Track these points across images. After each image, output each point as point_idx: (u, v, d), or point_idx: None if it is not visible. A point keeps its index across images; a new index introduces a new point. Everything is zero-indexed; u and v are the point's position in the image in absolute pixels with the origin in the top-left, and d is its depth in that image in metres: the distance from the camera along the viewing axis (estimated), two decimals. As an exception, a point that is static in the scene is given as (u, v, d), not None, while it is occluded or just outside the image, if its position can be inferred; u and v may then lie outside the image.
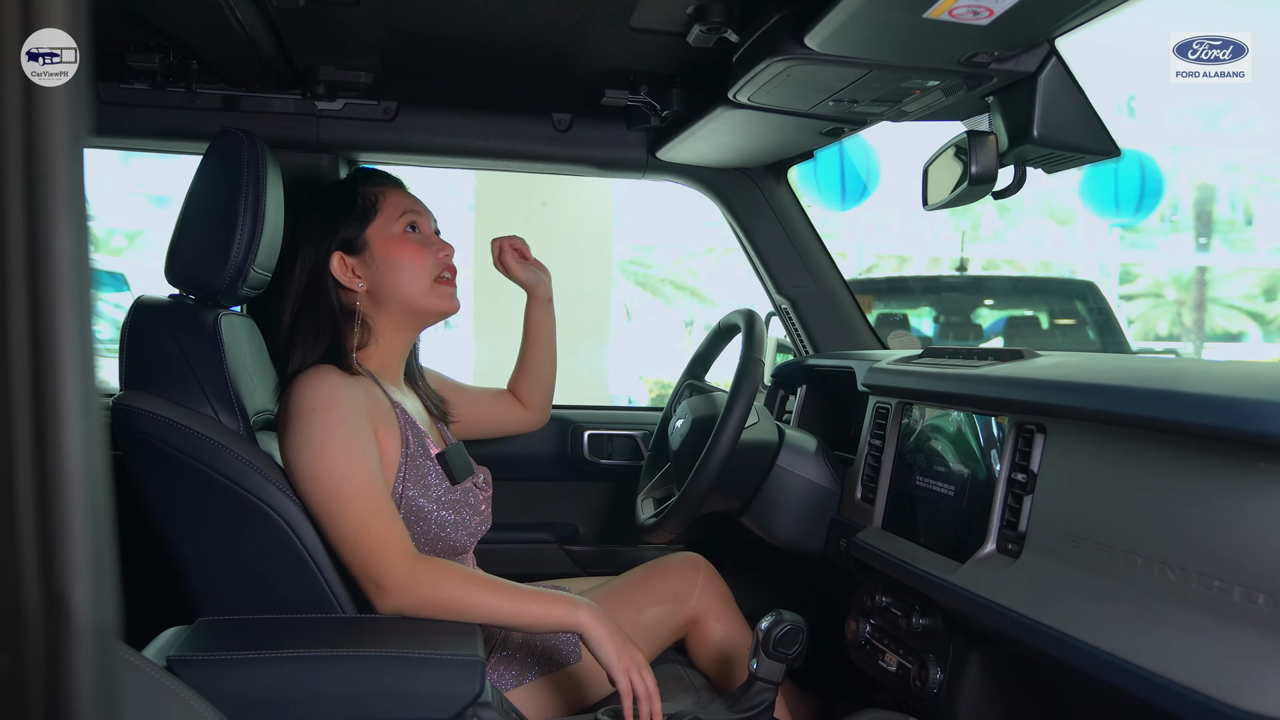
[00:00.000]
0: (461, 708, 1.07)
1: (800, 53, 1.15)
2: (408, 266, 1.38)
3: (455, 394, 1.65)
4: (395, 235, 1.38)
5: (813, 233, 1.99)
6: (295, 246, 1.38)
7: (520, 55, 1.54)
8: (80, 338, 0.38)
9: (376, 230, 1.38)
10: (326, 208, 1.40)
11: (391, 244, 1.38)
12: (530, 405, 1.75)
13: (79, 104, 0.38)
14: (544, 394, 1.76)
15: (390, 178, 1.46)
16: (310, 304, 1.35)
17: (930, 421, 1.32)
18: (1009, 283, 7.64)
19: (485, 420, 1.72)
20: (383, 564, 1.17)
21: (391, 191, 1.42)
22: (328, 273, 1.36)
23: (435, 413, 1.52)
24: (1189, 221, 13.27)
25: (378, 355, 1.39)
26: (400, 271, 1.37)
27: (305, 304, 1.35)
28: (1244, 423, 0.73)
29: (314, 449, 1.21)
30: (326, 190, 1.45)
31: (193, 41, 1.50)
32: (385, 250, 1.38)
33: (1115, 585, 0.86)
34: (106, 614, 0.39)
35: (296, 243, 1.38)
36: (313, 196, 1.45)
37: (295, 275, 1.37)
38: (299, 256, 1.37)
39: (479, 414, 1.70)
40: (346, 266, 1.37)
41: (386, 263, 1.37)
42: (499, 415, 1.74)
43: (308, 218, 1.40)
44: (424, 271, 1.39)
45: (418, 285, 1.38)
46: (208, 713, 0.82)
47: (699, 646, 1.59)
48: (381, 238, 1.38)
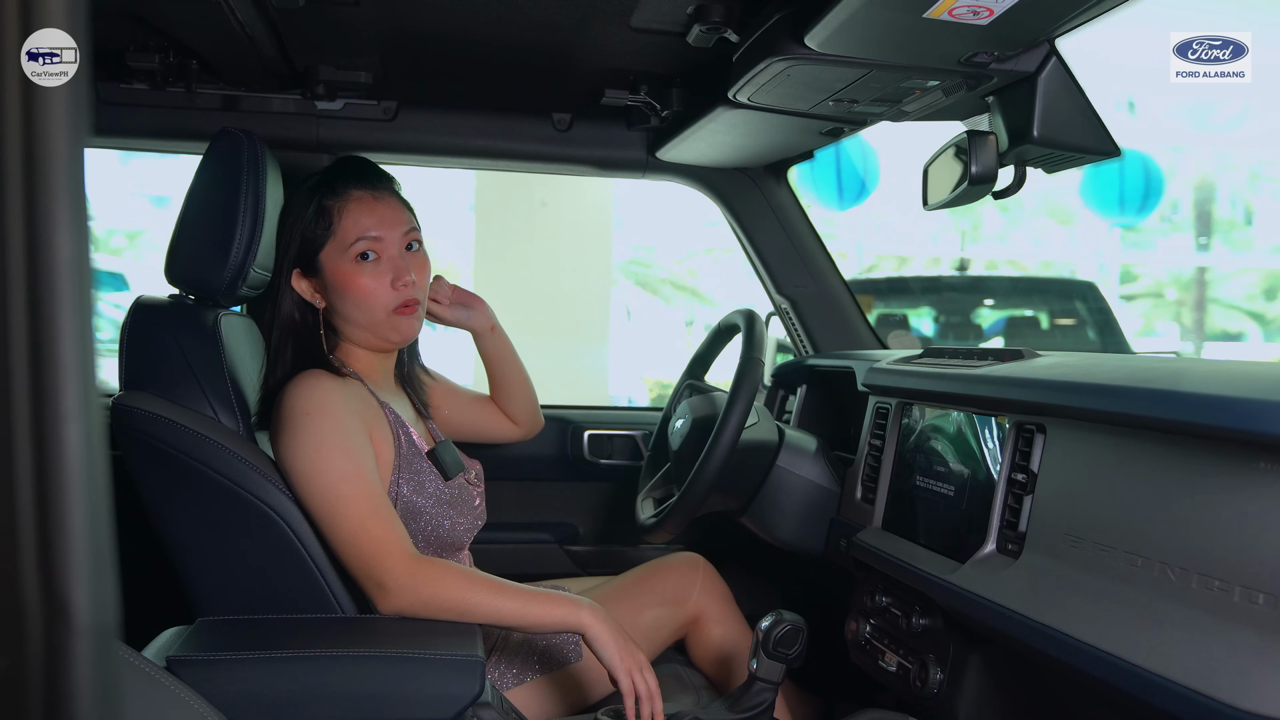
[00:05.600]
0: (461, 708, 1.07)
1: (800, 53, 1.15)
2: (359, 299, 1.31)
3: (447, 397, 1.64)
4: (345, 265, 1.31)
5: (813, 233, 1.99)
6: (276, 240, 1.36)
7: (520, 55, 1.54)
8: (80, 338, 0.38)
9: (329, 255, 1.32)
10: (291, 215, 1.35)
11: (341, 274, 1.31)
12: (518, 421, 1.73)
13: (79, 104, 0.38)
14: (528, 410, 1.73)
15: (361, 177, 1.36)
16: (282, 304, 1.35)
17: (930, 421, 1.32)
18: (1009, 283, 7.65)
19: (475, 427, 1.69)
20: (383, 564, 1.17)
21: (352, 205, 1.32)
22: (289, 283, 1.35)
23: (423, 411, 1.52)
24: (1189, 221, 13.26)
25: (361, 359, 1.38)
26: (351, 303, 1.32)
27: (282, 307, 1.35)
28: (1244, 423, 0.73)
29: (309, 452, 1.21)
30: (300, 187, 1.38)
31: (193, 41, 1.50)
32: (335, 279, 1.32)
33: (1115, 585, 0.86)
34: (106, 614, 0.39)
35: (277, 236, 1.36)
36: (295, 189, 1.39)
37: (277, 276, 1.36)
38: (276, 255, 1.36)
39: (470, 419, 1.68)
40: (307, 283, 1.35)
41: (338, 291, 1.32)
42: (490, 425, 1.71)
43: (281, 216, 1.36)
44: (377, 304, 1.32)
45: (369, 316, 1.33)
46: (207, 713, 0.82)
47: (699, 646, 1.59)
48: (333, 265, 1.32)
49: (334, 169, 1.39)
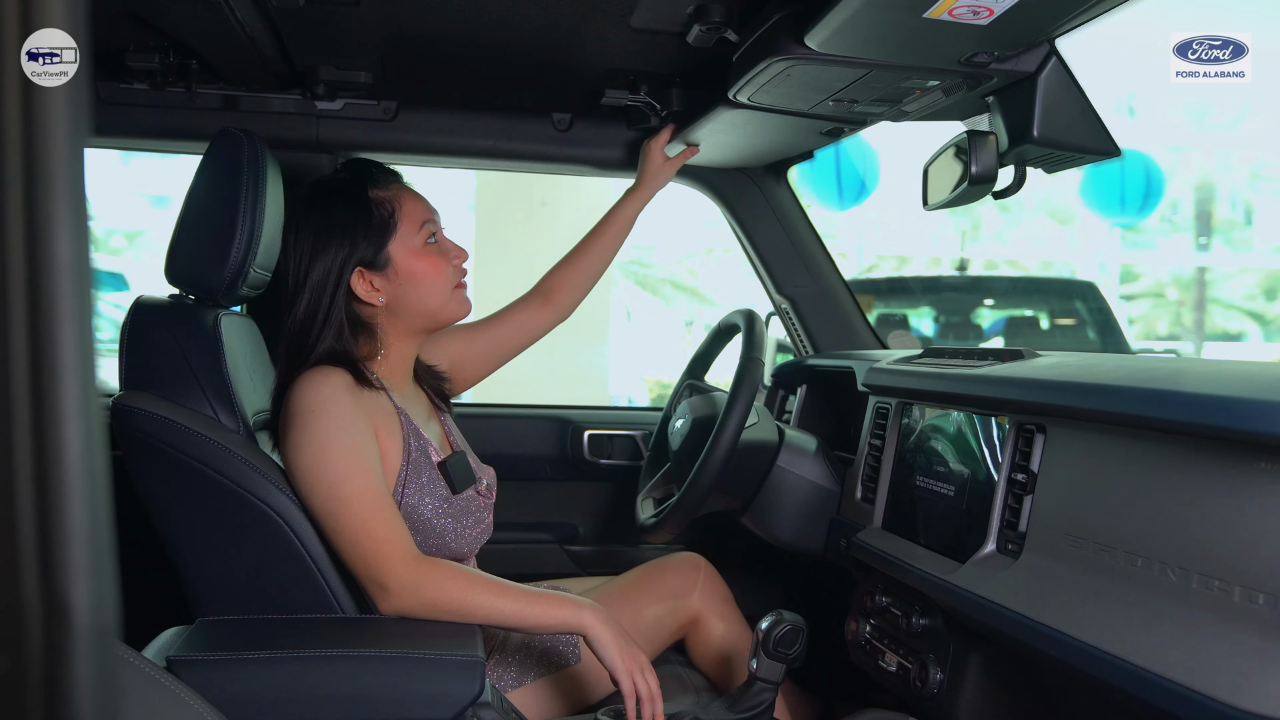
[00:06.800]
0: (461, 708, 1.07)
1: (800, 53, 1.15)
2: (432, 281, 1.36)
3: (469, 341, 1.61)
4: (417, 249, 1.35)
5: (813, 233, 1.99)
6: (300, 251, 1.32)
7: (520, 55, 1.54)
8: (80, 338, 0.38)
9: (398, 245, 1.34)
10: (339, 219, 1.32)
11: (414, 258, 1.35)
12: (557, 303, 1.70)
13: (79, 104, 0.38)
14: (581, 291, 1.74)
15: (393, 175, 1.40)
16: (322, 314, 1.31)
17: (930, 421, 1.32)
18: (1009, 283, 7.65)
19: (503, 347, 1.67)
20: (385, 565, 1.17)
21: (405, 198, 1.37)
22: (344, 286, 1.32)
23: (439, 404, 1.51)
24: (1189, 221, 13.27)
25: (388, 364, 1.38)
26: (424, 286, 1.36)
27: (314, 313, 1.30)
28: (1244, 423, 0.73)
29: (314, 451, 1.21)
30: (332, 194, 1.35)
31: (192, 41, 1.50)
32: (408, 265, 1.35)
33: (1115, 585, 0.86)
34: (106, 614, 0.39)
35: (302, 248, 1.32)
36: (311, 198, 1.36)
37: (306, 284, 1.31)
38: (312, 268, 1.31)
39: (502, 339, 1.66)
40: (366, 282, 1.33)
41: (410, 278, 1.35)
42: (521, 329, 1.68)
43: (318, 227, 1.32)
44: (446, 283, 1.38)
45: (440, 297, 1.37)
46: (207, 713, 0.82)
47: (699, 646, 1.59)
48: (404, 252, 1.35)
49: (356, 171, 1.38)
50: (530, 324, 1.69)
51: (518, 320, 1.68)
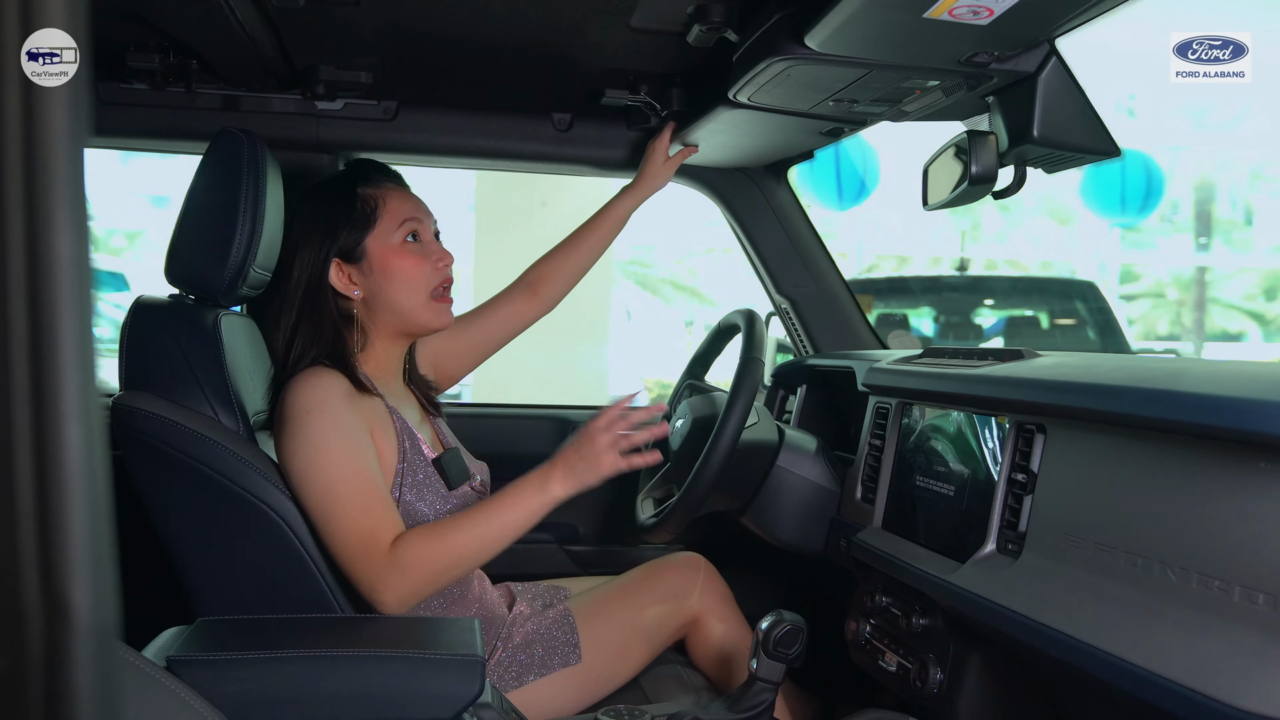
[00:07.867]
0: (461, 708, 1.06)
1: (800, 53, 1.15)
2: (405, 279, 1.36)
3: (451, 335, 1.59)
4: (394, 245, 1.36)
5: (813, 233, 1.99)
6: (290, 241, 1.37)
7: (520, 55, 1.54)
8: (80, 338, 0.38)
9: (376, 239, 1.36)
10: (325, 210, 1.37)
11: (390, 254, 1.36)
12: (543, 294, 1.70)
13: (79, 104, 0.38)
14: (568, 284, 1.73)
15: (390, 173, 1.43)
16: (310, 308, 1.34)
17: (930, 421, 1.32)
18: (1009, 283, 7.65)
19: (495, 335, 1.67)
20: (368, 563, 1.18)
21: (392, 194, 1.39)
22: (326, 278, 1.35)
23: (430, 409, 1.51)
24: (1189, 221, 13.26)
25: (374, 360, 1.39)
26: (398, 283, 1.36)
27: (305, 308, 1.34)
28: (1244, 423, 0.73)
29: (309, 452, 1.21)
30: (323, 187, 1.42)
31: (193, 41, 1.50)
32: (383, 260, 1.35)
33: (1115, 585, 0.86)
34: (106, 614, 0.39)
35: (292, 238, 1.37)
36: (308, 192, 1.41)
37: (294, 278, 1.35)
38: (297, 259, 1.35)
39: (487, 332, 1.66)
40: (343, 274, 1.35)
41: (384, 273, 1.35)
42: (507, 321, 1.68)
43: (305, 218, 1.38)
44: (421, 284, 1.37)
45: (414, 299, 1.37)
46: (207, 713, 0.82)
47: (699, 646, 1.59)
48: (380, 247, 1.36)
49: (353, 169, 1.43)
50: (516, 316, 1.69)
51: (503, 313, 1.68)
